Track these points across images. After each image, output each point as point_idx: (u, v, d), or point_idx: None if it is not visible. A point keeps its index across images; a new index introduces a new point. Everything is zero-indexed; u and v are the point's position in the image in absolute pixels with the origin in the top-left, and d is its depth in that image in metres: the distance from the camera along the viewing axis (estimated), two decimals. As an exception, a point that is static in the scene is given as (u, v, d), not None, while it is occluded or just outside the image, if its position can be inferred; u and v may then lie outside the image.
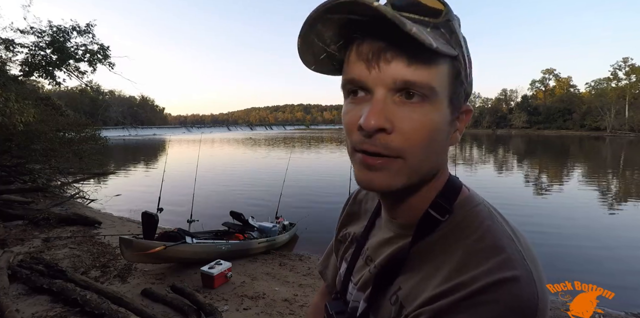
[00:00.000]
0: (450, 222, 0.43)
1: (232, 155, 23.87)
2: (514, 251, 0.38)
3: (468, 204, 0.45)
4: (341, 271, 0.61)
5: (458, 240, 0.41)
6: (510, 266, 0.35)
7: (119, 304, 2.93)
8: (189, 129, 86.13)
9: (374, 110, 0.36)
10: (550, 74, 75.01)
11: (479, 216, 0.43)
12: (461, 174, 12.89)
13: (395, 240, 0.50)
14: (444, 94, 0.38)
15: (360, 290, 0.53)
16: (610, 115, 54.49)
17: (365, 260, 0.55)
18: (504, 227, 0.42)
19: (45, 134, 8.34)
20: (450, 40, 0.37)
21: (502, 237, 0.39)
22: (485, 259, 0.37)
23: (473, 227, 0.41)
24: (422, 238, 0.44)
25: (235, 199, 9.05)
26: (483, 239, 0.39)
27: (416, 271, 0.43)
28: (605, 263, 5.02)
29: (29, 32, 9.23)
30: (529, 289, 0.34)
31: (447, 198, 0.45)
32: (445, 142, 0.42)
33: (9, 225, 5.56)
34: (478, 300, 0.34)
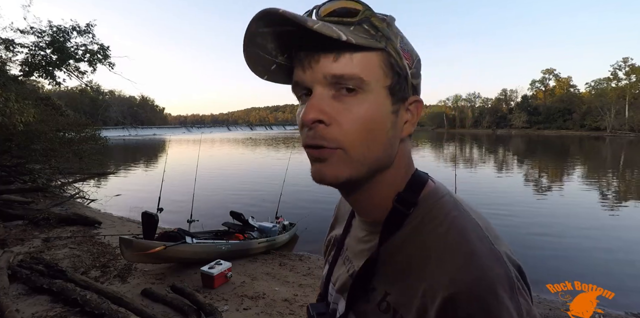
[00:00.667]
0: (417, 216, 0.44)
1: (232, 155, 23.87)
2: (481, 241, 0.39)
3: (433, 196, 0.46)
4: (325, 272, 0.63)
5: (427, 234, 0.42)
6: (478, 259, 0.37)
7: (119, 304, 2.94)
8: (189, 129, 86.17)
9: (310, 104, 0.39)
10: (550, 74, 74.98)
11: (444, 207, 0.44)
12: (461, 174, 12.92)
13: (367, 238, 0.50)
14: (378, 85, 0.40)
15: (338, 292, 0.53)
16: (610, 115, 54.47)
17: (344, 261, 0.56)
18: (470, 216, 0.43)
19: (45, 134, 8.34)
20: (375, 35, 0.40)
21: (468, 227, 0.41)
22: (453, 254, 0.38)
23: (440, 218, 0.43)
24: (390, 235, 0.45)
25: (235, 199, 9.05)
26: (450, 232, 0.41)
27: (395, 272, 0.44)
28: (605, 264, 5.02)
29: (29, 32, 9.23)
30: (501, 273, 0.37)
31: (412, 192, 0.46)
32: (389, 132, 0.42)
33: (9, 225, 5.56)
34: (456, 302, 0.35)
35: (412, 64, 0.44)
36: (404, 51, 0.43)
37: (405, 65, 0.42)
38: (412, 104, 0.45)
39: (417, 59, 0.45)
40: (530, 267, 4.37)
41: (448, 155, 22.00)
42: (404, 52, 0.43)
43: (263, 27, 0.38)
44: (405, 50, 0.43)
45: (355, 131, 0.40)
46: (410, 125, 0.46)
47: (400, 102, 0.43)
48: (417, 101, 0.46)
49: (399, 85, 0.42)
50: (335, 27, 0.36)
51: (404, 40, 0.44)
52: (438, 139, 46.44)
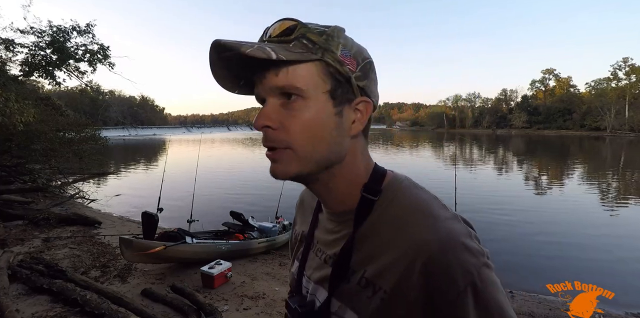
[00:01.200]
0: (384, 200, 0.51)
1: (232, 155, 23.89)
2: (441, 208, 0.49)
3: (394, 182, 0.53)
4: (293, 270, 0.66)
5: (395, 211, 0.49)
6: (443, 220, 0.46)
7: (119, 304, 2.93)
8: (189, 129, 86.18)
9: (260, 113, 0.47)
10: (550, 74, 74.93)
11: (406, 188, 0.52)
12: (461, 174, 12.90)
13: (338, 229, 0.55)
14: (317, 90, 0.46)
15: (317, 283, 0.57)
16: (610, 115, 54.44)
17: (316, 253, 0.59)
18: (428, 191, 0.52)
19: (45, 134, 8.34)
20: (312, 48, 0.45)
21: (428, 199, 0.50)
22: (423, 220, 0.46)
23: (404, 197, 0.50)
24: (363, 220, 0.51)
25: (235, 199, 9.05)
26: (415, 204, 0.49)
27: (370, 251, 0.49)
28: (605, 264, 5.02)
29: (29, 32, 9.22)
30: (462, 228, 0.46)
31: (375, 182, 0.53)
32: (335, 131, 0.48)
33: (9, 225, 5.56)
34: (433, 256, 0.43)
35: (357, 67, 0.48)
36: (346, 57, 0.47)
37: (347, 71, 0.47)
38: (360, 104, 0.49)
39: (364, 62, 0.49)
40: (530, 267, 4.35)
41: (448, 155, 22.00)
42: (346, 58, 0.47)
43: (221, 53, 0.45)
44: (348, 56, 0.47)
45: (300, 133, 0.46)
46: (359, 123, 0.50)
47: (344, 104, 0.48)
48: (365, 101, 0.50)
49: (341, 89, 0.47)
50: (268, 48, 0.42)
51: (347, 47, 0.48)
52: (438, 139, 46.45)
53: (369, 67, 0.50)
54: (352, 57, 0.48)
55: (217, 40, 0.43)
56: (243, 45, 0.41)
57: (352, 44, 0.49)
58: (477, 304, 0.41)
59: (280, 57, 0.42)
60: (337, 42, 0.47)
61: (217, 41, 0.43)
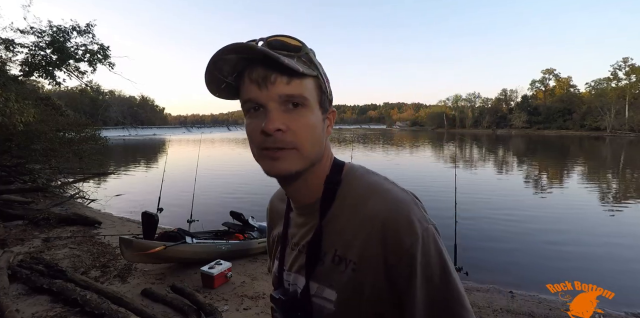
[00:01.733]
0: (344, 187, 0.59)
1: (232, 155, 23.87)
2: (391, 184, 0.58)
3: (351, 171, 0.62)
4: (274, 269, 0.70)
5: (353, 195, 0.57)
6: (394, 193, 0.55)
7: (119, 304, 2.93)
8: (189, 129, 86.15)
9: (272, 117, 0.51)
10: (550, 74, 74.86)
11: (361, 175, 0.61)
12: (461, 174, 12.89)
13: (306, 221, 0.62)
14: (314, 101, 0.54)
15: (296, 272, 0.63)
16: (610, 115, 54.41)
17: (292, 247, 0.65)
18: (378, 175, 0.61)
19: (45, 134, 8.33)
20: (310, 66, 0.54)
21: (380, 178, 0.60)
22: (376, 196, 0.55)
23: (360, 182, 0.59)
24: (328, 208, 0.58)
25: (235, 199, 9.05)
26: (369, 184, 0.58)
27: (337, 232, 0.56)
28: (605, 264, 5.02)
29: (29, 32, 9.21)
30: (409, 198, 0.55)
31: (336, 173, 0.61)
32: (322, 134, 0.57)
33: (9, 225, 5.56)
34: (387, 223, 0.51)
35: (328, 85, 0.59)
36: (324, 75, 0.57)
37: (327, 87, 0.58)
38: (331, 113, 0.61)
39: (328, 81, 0.60)
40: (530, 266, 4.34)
41: (448, 155, 22.00)
42: (324, 76, 0.57)
43: (228, 54, 0.50)
44: (324, 76, 0.58)
45: (305, 135, 0.53)
46: (330, 128, 0.61)
47: (325, 112, 0.58)
48: (333, 111, 0.61)
49: (325, 101, 0.57)
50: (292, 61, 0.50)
51: (323, 68, 0.58)
52: (438, 139, 46.43)
53: (328, 82, 0.60)
54: (326, 77, 0.58)
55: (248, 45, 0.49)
56: (280, 56, 0.48)
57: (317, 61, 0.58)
58: (423, 258, 0.49)
59: (304, 71, 0.50)
60: (319, 62, 0.57)
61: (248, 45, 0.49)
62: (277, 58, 0.47)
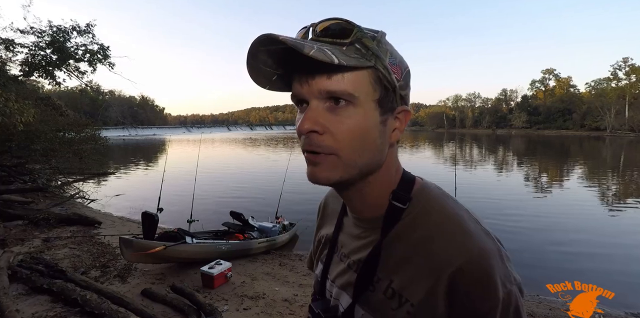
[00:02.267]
0: (413, 208, 0.50)
1: (232, 155, 23.87)
2: (473, 222, 0.48)
3: (424, 191, 0.52)
4: (317, 272, 0.65)
5: (425, 222, 0.48)
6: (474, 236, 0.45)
7: (119, 304, 2.93)
8: (189, 129, 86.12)
9: (306, 116, 0.44)
10: (550, 74, 74.89)
11: (436, 198, 0.51)
12: (461, 174, 12.88)
13: (364, 235, 0.55)
14: (367, 98, 0.45)
15: (341, 288, 0.57)
16: (610, 115, 54.42)
17: (341, 258, 0.59)
18: (458, 203, 0.51)
19: (45, 134, 8.34)
20: (365, 54, 0.44)
21: (460, 212, 0.49)
22: (453, 236, 0.45)
23: (435, 208, 0.49)
24: (390, 228, 0.50)
25: (235, 199, 9.05)
26: (446, 217, 0.48)
27: (398, 260, 0.49)
28: (606, 264, 5.02)
29: (29, 32, 9.23)
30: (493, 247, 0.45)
31: (405, 189, 0.52)
32: (379, 139, 0.47)
33: (9, 225, 5.56)
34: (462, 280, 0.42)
35: (401, 76, 0.48)
36: (393, 66, 0.46)
37: (394, 79, 0.46)
38: (401, 113, 0.50)
39: (405, 70, 0.49)
40: (530, 266, 4.35)
41: (448, 155, 22.00)
42: (393, 66, 0.46)
43: (264, 46, 0.43)
44: (394, 65, 0.47)
45: (347, 140, 0.44)
46: (399, 132, 0.50)
47: (388, 113, 0.48)
48: (405, 110, 0.50)
49: (387, 98, 0.47)
50: (328, 50, 0.41)
51: (394, 55, 0.47)
52: (438, 139, 46.43)
53: (409, 76, 0.50)
54: (398, 66, 0.47)
55: (270, 35, 0.40)
56: (305, 45, 0.40)
57: (396, 51, 0.48)
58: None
59: (341, 62, 0.41)
60: (386, 49, 0.46)
61: (270, 35, 0.40)
62: (300, 48, 0.39)
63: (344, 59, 0.41)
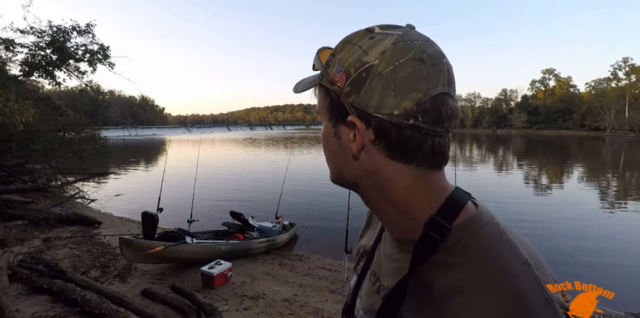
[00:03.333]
0: (454, 243, 0.40)
1: (232, 155, 23.87)
2: (529, 282, 0.36)
3: (474, 223, 0.42)
4: (352, 283, 0.61)
5: (465, 266, 0.38)
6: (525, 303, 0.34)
7: (119, 304, 2.93)
8: (189, 129, 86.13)
9: None
10: (550, 74, 74.99)
11: (487, 237, 0.40)
12: (461, 174, 12.86)
13: (397, 257, 0.48)
14: (323, 113, 0.47)
15: (365, 312, 0.52)
16: (610, 115, 54.45)
17: (370, 276, 0.54)
18: (518, 250, 0.39)
19: (45, 134, 8.35)
20: (327, 69, 0.44)
21: (516, 264, 0.37)
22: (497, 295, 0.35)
23: (482, 250, 0.39)
24: (422, 261, 0.41)
25: (235, 199, 9.05)
26: (494, 267, 0.37)
27: (425, 302, 0.41)
28: (606, 263, 5.02)
29: (29, 32, 9.23)
30: None
31: (446, 217, 0.42)
32: (337, 153, 0.47)
33: (9, 225, 5.56)
34: None
35: (345, 83, 0.41)
36: (337, 74, 0.42)
37: (336, 89, 0.42)
38: (352, 123, 0.42)
39: (357, 72, 0.41)
40: (530, 267, 4.38)
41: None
42: (337, 75, 0.42)
43: None
44: (340, 72, 0.42)
45: (324, 149, 0.50)
46: (354, 144, 0.42)
47: (339, 124, 0.44)
48: (355, 120, 0.41)
49: (334, 109, 0.44)
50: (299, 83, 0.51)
51: (344, 60, 0.42)
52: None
53: (365, 75, 0.40)
54: (344, 72, 0.42)
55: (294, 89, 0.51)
56: (296, 88, 0.51)
57: (355, 51, 0.42)
58: None
59: (299, 90, 0.49)
60: (336, 60, 0.43)
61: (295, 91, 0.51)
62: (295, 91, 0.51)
63: (303, 86, 0.49)
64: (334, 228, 6.25)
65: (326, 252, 5.30)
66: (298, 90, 0.50)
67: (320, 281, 4.15)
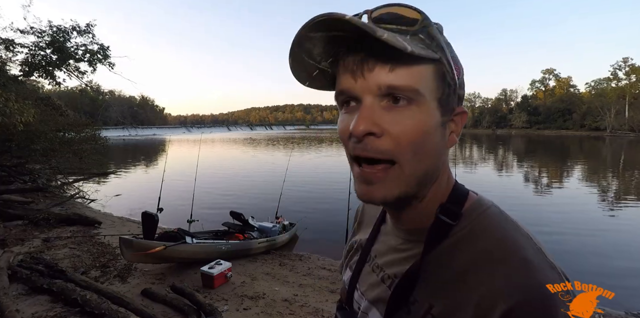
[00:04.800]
0: (463, 227, 0.44)
1: (232, 155, 23.87)
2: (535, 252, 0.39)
3: (479, 207, 0.45)
4: (345, 278, 0.60)
5: (477, 245, 0.41)
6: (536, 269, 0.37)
7: (119, 304, 2.93)
8: (189, 129, 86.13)
9: (362, 115, 0.38)
10: (550, 74, 74.95)
11: (493, 218, 0.44)
12: (461, 174, 12.87)
13: (404, 248, 0.49)
14: (431, 96, 0.40)
15: (372, 303, 0.51)
16: (610, 115, 54.42)
17: (373, 268, 0.54)
18: (520, 227, 0.43)
19: (45, 134, 8.34)
20: (430, 45, 0.39)
21: (521, 238, 0.41)
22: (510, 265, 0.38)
23: (490, 230, 0.42)
24: (435, 246, 0.43)
25: (235, 199, 9.05)
26: (504, 242, 0.40)
27: (440, 284, 0.42)
28: (606, 263, 5.02)
29: (29, 32, 9.23)
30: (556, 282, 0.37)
31: (456, 203, 0.45)
32: (439, 143, 0.42)
33: (9, 225, 5.56)
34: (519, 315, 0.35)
35: (460, 73, 0.43)
36: (454, 61, 0.42)
37: (456, 76, 0.42)
38: (457, 114, 0.44)
39: (462, 67, 0.44)
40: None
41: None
42: (454, 62, 0.42)
43: (315, 32, 0.38)
44: (455, 60, 0.42)
45: (408, 143, 0.39)
46: (455, 135, 0.45)
47: (448, 114, 0.42)
48: (463, 112, 0.45)
49: (449, 97, 0.42)
50: (399, 37, 0.36)
51: (453, 50, 0.43)
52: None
53: (463, 74, 0.44)
54: (457, 62, 0.43)
55: (334, 15, 0.35)
56: (376, 28, 0.34)
57: (446, 41, 0.42)
58: None
59: (413, 51, 0.35)
60: (447, 42, 0.41)
61: (334, 15, 0.35)
62: (373, 31, 0.34)
63: (414, 47, 0.36)
64: (334, 228, 6.25)
65: (326, 252, 5.30)
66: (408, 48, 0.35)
67: (320, 281, 4.15)
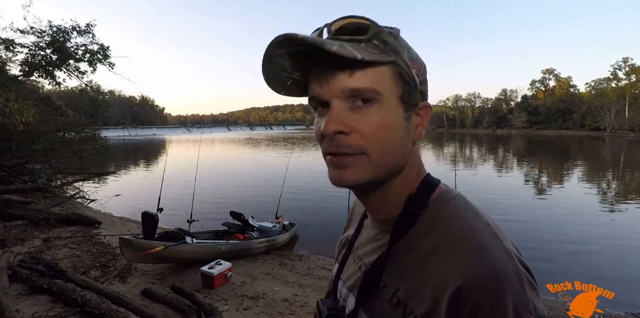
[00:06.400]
0: (429, 215, 0.47)
1: (232, 155, 23.87)
2: (491, 238, 0.42)
3: (444, 197, 0.49)
4: (333, 272, 0.65)
5: (438, 232, 0.45)
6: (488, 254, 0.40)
7: (119, 304, 2.93)
8: (189, 129, 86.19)
9: (331, 117, 0.43)
10: (550, 74, 74.90)
11: (455, 207, 0.48)
12: (461, 174, 12.88)
13: (378, 237, 0.54)
14: (391, 94, 0.44)
15: (350, 289, 0.56)
16: (610, 115, 54.41)
17: (354, 259, 0.59)
18: (480, 215, 0.46)
19: (45, 134, 8.35)
20: (384, 50, 0.43)
21: (479, 225, 0.44)
22: (465, 250, 0.41)
23: (451, 218, 0.46)
24: (402, 234, 0.48)
25: (235, 199, 9.05)
26: (461, 229, 0.44)
27: (406, 268, 0.46)
28: (606, 264, 5.02)
29: (29, 32, 9.23)
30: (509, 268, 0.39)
31: (423, 193, 0.49)
32: (403, 137, 0.46)
33: (9, 225, 5.56)
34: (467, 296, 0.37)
35: (420, 72, 0.47)
36: (412, 61, 0.46)
37: (414, 74, 0.46)
38: (422, 109, 0.49)
39: (422, 66, 0.49)
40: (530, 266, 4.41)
41: (448, 155, 22.00)
42: (412, 61, 0.46)
43: (281, 49, 0.42)
44: (413, 60, 0.46)
45: (375, 138, 0.43)
46: (421, 128, 0.49)
47: (411, 109, 0.47)
48: (426, 106, 0.49)
49: (409, 94, 0.46)
50: (349, 47, 0.40)
51: (411, 51, 0.47)
52: (438, 139, 46.42)
53: (426, 72, 0.49)
54: (416, 61, 0.47)
55: (289, 35, 0.39)
56: (326, 42, 0.39)
57: (411, 48, 0.48)
58: None
59: (364, 57, 0.40)
60: (403, 44, 0.46)
61: (289, 35, 0.39)
62: (322, 45, 0.38)
63: (364, 53, 0.40)
64: (334, 228, 6.24)
65: (326, 252, 5.30)
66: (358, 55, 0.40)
67: (320, 281, 4.15)
